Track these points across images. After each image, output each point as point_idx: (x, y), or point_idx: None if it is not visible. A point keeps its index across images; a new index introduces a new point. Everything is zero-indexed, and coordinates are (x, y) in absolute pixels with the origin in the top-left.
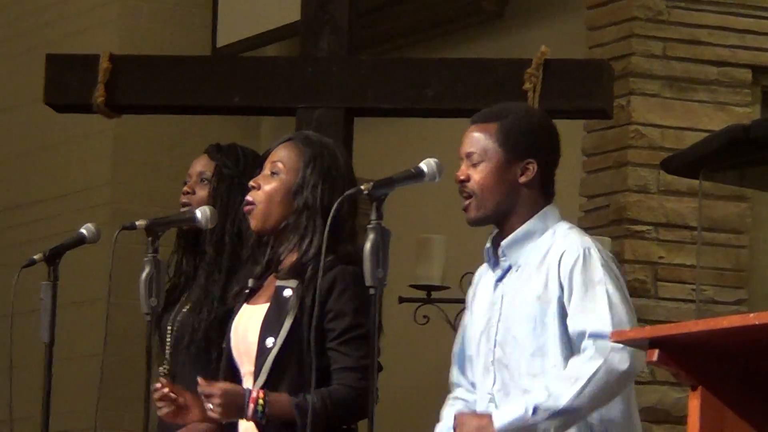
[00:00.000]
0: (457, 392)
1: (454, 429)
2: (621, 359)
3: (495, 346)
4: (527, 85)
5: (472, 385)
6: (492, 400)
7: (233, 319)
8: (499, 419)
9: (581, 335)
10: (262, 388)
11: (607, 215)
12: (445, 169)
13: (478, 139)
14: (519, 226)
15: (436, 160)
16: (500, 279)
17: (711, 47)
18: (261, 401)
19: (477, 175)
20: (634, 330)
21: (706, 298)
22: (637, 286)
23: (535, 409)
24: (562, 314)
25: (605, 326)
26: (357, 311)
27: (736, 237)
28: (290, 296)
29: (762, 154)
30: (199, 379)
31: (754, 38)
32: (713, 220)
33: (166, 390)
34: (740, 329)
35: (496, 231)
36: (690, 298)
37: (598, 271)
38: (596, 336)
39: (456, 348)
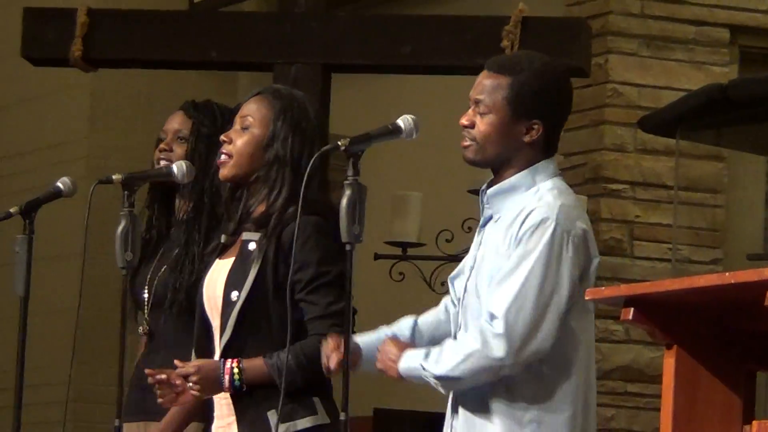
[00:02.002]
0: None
1: (382, 351)
2: (497, 347)
3: (465, 291)
4: (505, 43)
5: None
6: (455, 337)
7: (205, 274)
8: (403, 362)
9: (484, 309)
10: (229, 342)
11: (584, 173)
12: (422, 126)
13: (488, 89)
14: (507, 178)
15: (413, 116)
16: (483, 226)
17: (689, 6)
18: (236, 370)
19: (482, 126)
20: (610, 288)
21: (682, 258)
22: (613, 245)
23: (423, 368)
24: None
25: (499, 311)
26: (320, 260)
27: (713, 196)
28: (254, 248)
29: (739, 114)
30: (176, 362)
31: None
32: (690, 180)
33: (161, 377)
34: (716, 288)
35: (492, 178)
36: (666, 257)
37: (539, 247)
38: (489, 316)
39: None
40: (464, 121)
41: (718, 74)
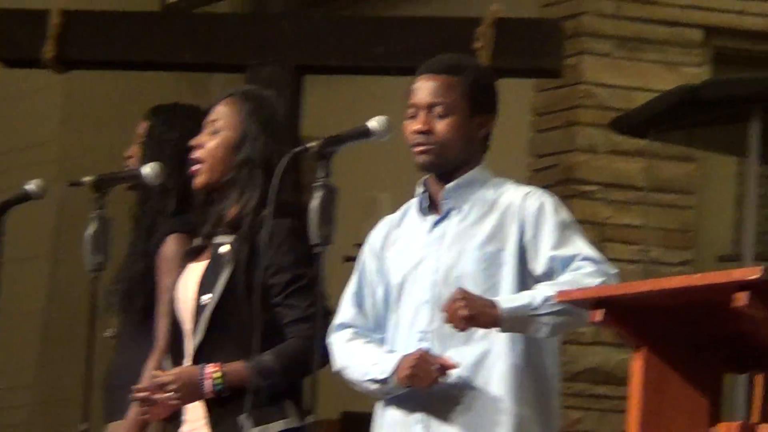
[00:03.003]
0: (355, 330)
1: (453, 301)
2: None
3: (434, 286)
4: (478, 44)
5: (375, 326)
6: (424, 338)
7: (179, 279)
8: (506, 302)
9: (569, 259)
10: (200, 345)
11: (555, 175)
12: (393, 128)
13: (442, 91)
14: (462, 174)
15: (385, 118)
16: (438, 222)
17: (662, 7)
18: (217, 375)
19: (442, 128)
20: (580, 290)
21: (653, 259)
22: None
23: (545, 300)
24: (520, 254)
25: (596, 254)
26: (296, 263)
27: (684, 198)
28: (226, 252)
29: (710, 115)
30: (152, 372)
31: None
32: (661, 181)
33: (143, 395)
34: (685, 290)
35: (426, 177)
36: (636, 259)
37: (568, 216)
38: (591, 259)
39: (353, 289)
40: (420, 126)
41: (691, 75)
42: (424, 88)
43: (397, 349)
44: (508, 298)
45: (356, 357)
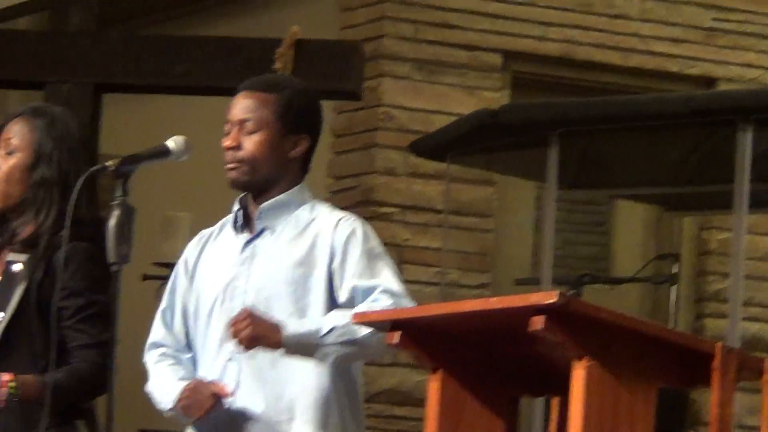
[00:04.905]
0: (164, 350)
1: (238, 320)
2: None
3: (244, 307)
4: (278, 65)
5: (185, 345)
6: (233, 359)
7: None
8: (292, 327)
9: (370, 290)
10: None
11: (354, 196)
12: (192, 147)
13: (254, 107)
14: (277, 195)
15: (183, 138)
16: (250, 241)
17: (461, 31)
18: (12, 384)
19: (250, 145)
20: (377, 312)
21: (451, 282)
22: None
23: (332, 329)
24: (329, 280)
25: (396, 286)
26: (90, 288)
27: (482, 221)
28: (20, 270)
29: (509, 139)
30: None
31: (504, 23)
32: (460, 204)
33: None
34: (482, 313)
35: (244, 194)
36: (434, 281)
37: (377, 244)
38: (390, 292)
39: (163, 306)
40: (229, 142)
41: (490, 99)
42: (238, 105)
43: (203, 370)
44: (296, 322)
45: (156, 383)
